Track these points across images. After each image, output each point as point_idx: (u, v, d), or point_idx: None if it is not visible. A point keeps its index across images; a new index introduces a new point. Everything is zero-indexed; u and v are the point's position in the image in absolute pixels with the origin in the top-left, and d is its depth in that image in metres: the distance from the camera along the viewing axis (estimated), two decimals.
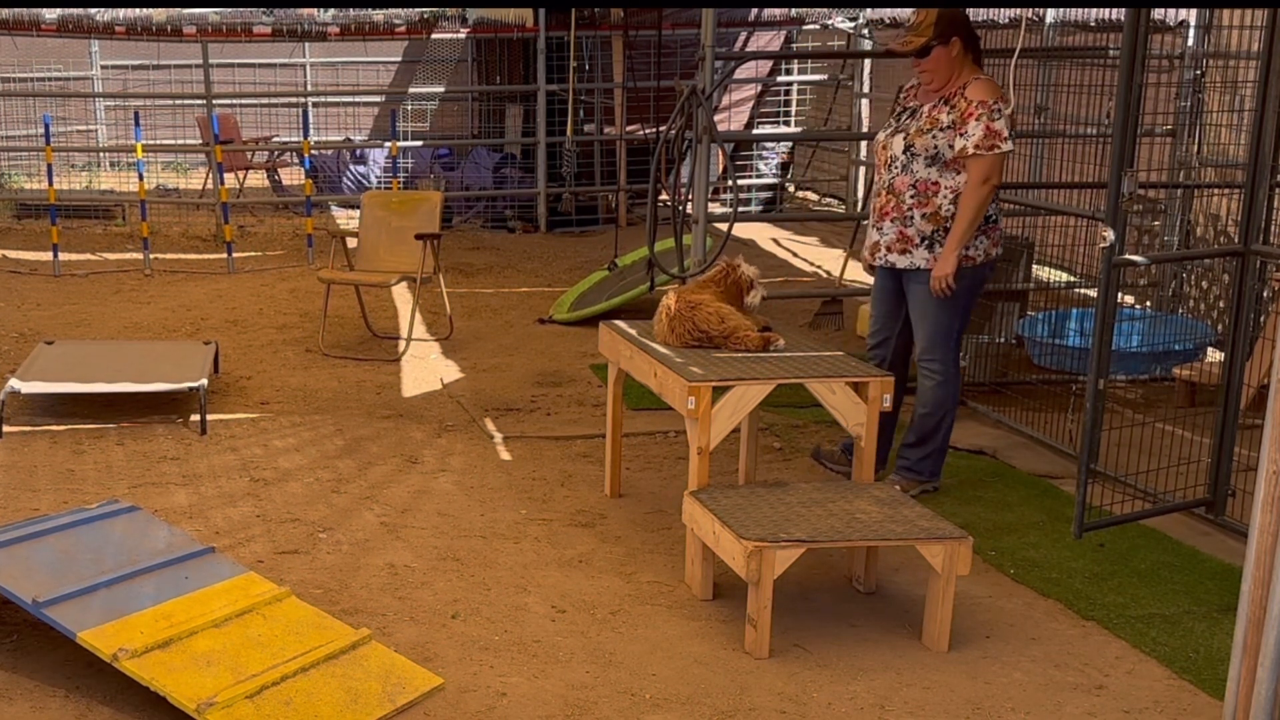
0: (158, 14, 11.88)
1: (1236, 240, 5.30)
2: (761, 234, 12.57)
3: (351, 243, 8.45)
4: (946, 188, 5.34)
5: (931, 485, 5.62)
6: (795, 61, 14.28)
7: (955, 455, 6.28)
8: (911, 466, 5.60)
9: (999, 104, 5.28)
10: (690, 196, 7.55)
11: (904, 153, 5.41)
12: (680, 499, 4.75)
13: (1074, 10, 9.04)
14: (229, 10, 12.07)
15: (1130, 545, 5.16)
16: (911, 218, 5.40)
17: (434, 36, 14.22)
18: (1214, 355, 7.30)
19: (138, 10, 11.90)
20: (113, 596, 4.09)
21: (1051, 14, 9.11)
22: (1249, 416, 5.53)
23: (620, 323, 5.52)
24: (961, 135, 5.28)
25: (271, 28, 12.19)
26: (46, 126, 10.62)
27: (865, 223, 5.87)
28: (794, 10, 13.30)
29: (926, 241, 5.39)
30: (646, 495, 5.70)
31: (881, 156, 5.55)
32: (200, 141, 13.85)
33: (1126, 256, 5.06)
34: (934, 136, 5.33)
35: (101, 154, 15.90)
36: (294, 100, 14.98)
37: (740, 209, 12.79)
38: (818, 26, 13.41)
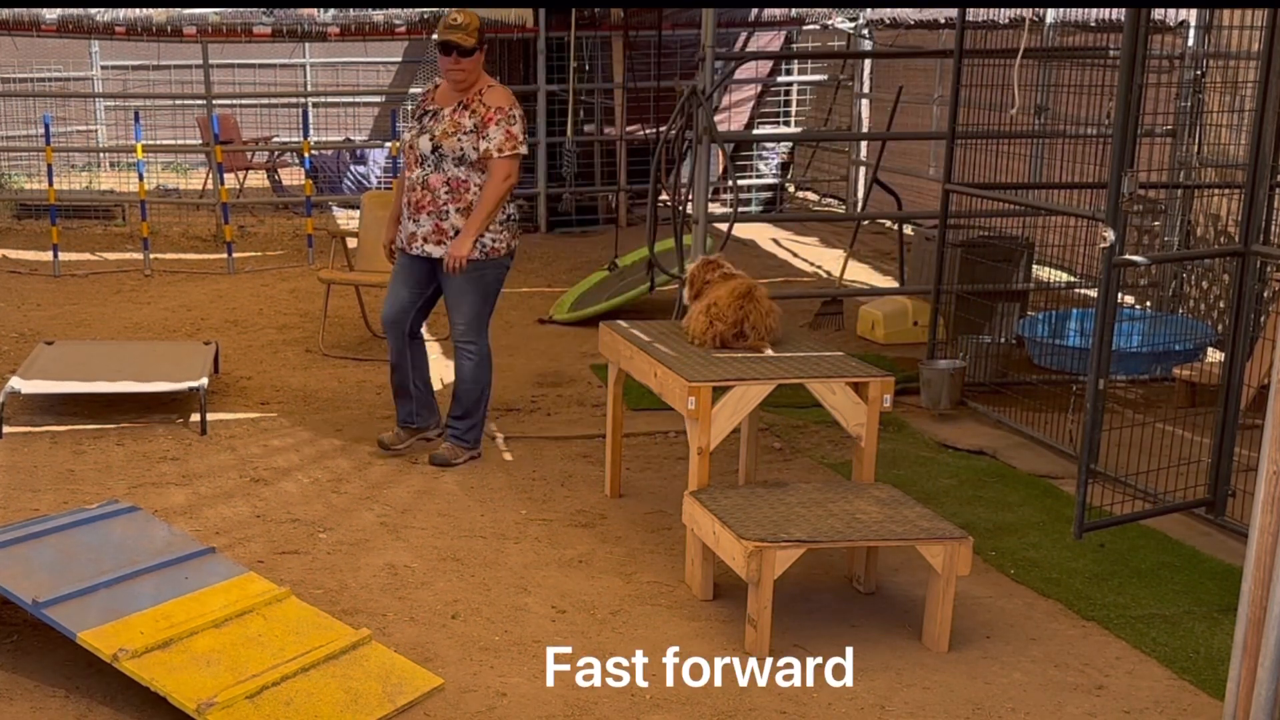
0: (158, 14, 11.86)
1: (1236, 240, 5.30)
2: (761, 234, 12.57)
3: (351, 243, 8.45)
4: (475, 184, 5.80)
5: (476, 453, 6.09)
6: (795, 61, 14.28)
7: (955, 455, 6.29)
8: (461, 436, 6.04)
9: (514, 110, 5.79)
10: (690, 196, 7.56)
11: (433, 153, 5.81)
12: (680, 499, 4.74)
13: (1074, 10, 9.04)
14: (229, 10, 12.06)
15: (1130, 545, 5.16)
16: (447, 212, 5.82)
17: (434, 37, 14.21)
18: (1214, 355, 7.30)
19: (138, 10, 11.88)
20: (113, 597, 4.09)
21: (1051, 14, 9.11)
22: (1249, 416, 5.53)
23: (620, 323, 5.52)
24: (484, 139, 5.74)
25: (271, 28, 12.18)
26: (46, 126, 10.62)
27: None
28: (794, 10, 13.30)
29: (460, 233, 5.83)
30: (646, 495, 5.70)
31: (410, 155, 5.93)
32: (200, 142, 13.85)
33: (1126, 256, 5.06)
34: (459, 140, 5.76)
35: (101, 154, 15.89)
36: (294, 100, 14.98)
37: (740, 209, 12.78)
38: (818, 27, 13.41)
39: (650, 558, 5.01)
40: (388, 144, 11.82)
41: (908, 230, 9.97)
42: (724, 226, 7.57)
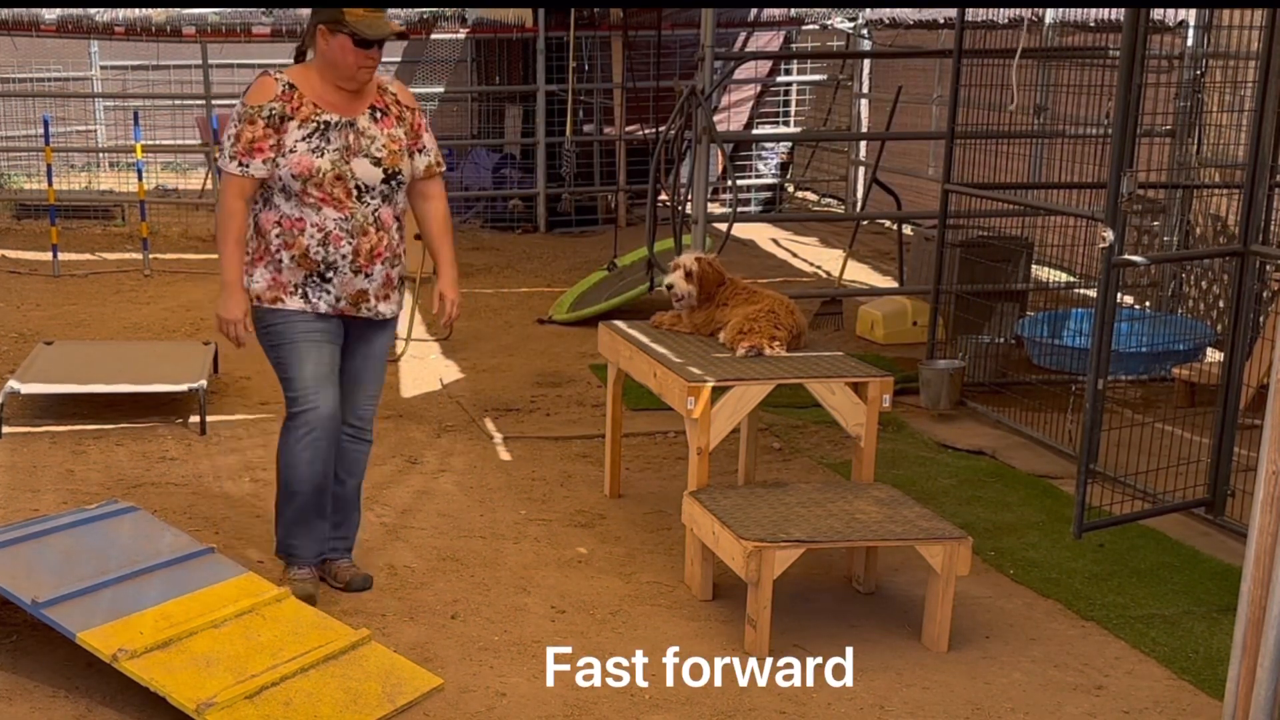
0: (157, 14, 11.87)
1: (1237, 240, 5.30)
2: (761, 234, 12.57)
3: None
4: (404, 213, 4.52)
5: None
6: (795, 61, 14.29)
7: (955, 455, 6.29)
8: (352, 546, 4.77)
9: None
10: (690, 196, 7.56)
11: (385, 181, 4.34)
12: (680, 499, 4.74)
13: (1074, 10, 9.05)
14: (229, 10, 12.06)
15: (1130, 545, 5.16)
16: (399, 256, 4.48)
17: (434, 36, 14.21)
18: (1214, 355, 7.31)
19: (138, 10, 11.89)
20: (113, 597, 4.09)
21: (1051, 14, 9.12)
22: (1248, 416, 5.53)
23: (620, 323, 5.52)
24: (421, 151, 4.47)
25: (271, 28, 12.18)
26: (46, 126, 10.62)
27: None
28: (794, 10, 13.31)
29: (401, 283, 4.56)
30: (646, 495, 5.70)
31: (338, 188, 4.25)
32: (200, 141, 13.85)
33: (1126, 256, 5.06)
34: (410, 157, 4.42)
35: (101, 154, 15.89)
36: None
37: (740, 209, 12.79)
38: (817, 26, 13.43)
39: (650, 558, 5.02)
40: None
41: (907, 230, 9.97)
42: (723, 226, 7.58)
